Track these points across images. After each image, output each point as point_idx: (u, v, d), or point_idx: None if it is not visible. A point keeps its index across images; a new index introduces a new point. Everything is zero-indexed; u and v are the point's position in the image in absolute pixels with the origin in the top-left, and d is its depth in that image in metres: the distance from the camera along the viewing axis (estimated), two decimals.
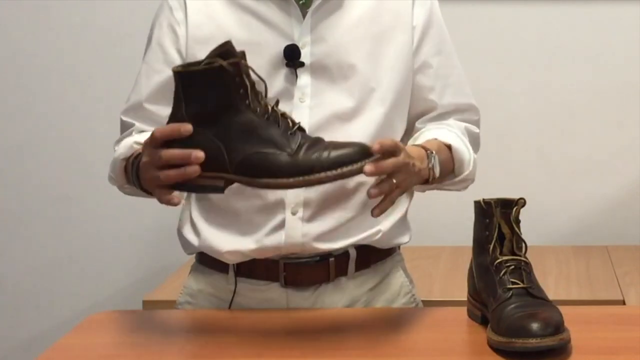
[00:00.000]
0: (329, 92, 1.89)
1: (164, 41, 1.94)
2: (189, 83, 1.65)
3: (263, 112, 1.65)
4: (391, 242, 1.98)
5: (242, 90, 1.64)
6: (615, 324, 1.79)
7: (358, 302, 1.97)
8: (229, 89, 1.64)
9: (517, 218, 1.75)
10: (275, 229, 1.90)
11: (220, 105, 1.64)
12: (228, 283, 1.95)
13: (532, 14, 3.15)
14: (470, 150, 1.94)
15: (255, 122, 1.64)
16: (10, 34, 3.30)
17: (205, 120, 1.64)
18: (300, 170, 1.62)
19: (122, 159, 1.87)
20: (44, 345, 1.87)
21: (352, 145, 1.64)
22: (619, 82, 3.15)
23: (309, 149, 1.63)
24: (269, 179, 1.63)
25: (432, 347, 1.71)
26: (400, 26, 1.94)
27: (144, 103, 1.94)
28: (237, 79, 1.64)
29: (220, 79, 1.63)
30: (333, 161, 1.62)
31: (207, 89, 1.64)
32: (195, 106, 1.65)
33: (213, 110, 1.64)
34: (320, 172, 1.61)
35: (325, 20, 1.91)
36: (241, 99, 1.64)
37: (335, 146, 1.64)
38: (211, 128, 1.64)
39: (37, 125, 3.32)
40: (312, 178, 1.62)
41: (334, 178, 1.62)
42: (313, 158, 1.62)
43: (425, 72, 1.96)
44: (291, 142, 1.63)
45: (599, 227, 3.20)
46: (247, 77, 1.65)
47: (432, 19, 1.97)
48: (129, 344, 1.75)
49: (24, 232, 3.38)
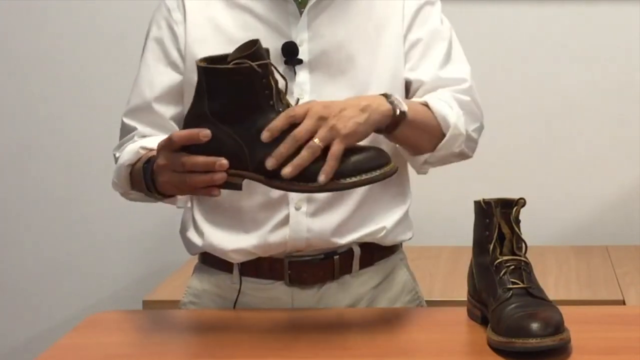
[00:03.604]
0: (327, 87, 1.90)
1: (164, 41, 1.94)
2: (215, 80, 1.65)
3: None
4: (395, 238, 1.99)
5: (267, 91, 1.65)
6: (615, 324, 1.79)
7: (362, 300, 1.97)
8: (255, 90, 1.64)
9: (517, 218, 1.75)
10: (279, 225, 1.90)
11: (244, 104, 1.64)
12: (232, 282, 1.96)
13: (532, 14, 3.15)
14: (455, 107, 1.87)
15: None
16: (10, 34, 3.30)
17: (229, 118, 1.65)
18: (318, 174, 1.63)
19: (127, 165, 1.87)
20: (44, 345, 1.87)
21: (370, 150, 1.65)
22: (619, 82, 3.15)
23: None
24: (285, 183, 1.64)
25: (432, 347, 1.71)
26: (393, 18, 1.94)
27: (144, 106, 1.93)
28: (263, 80, 1.64)
29: (248, 79, 1.63)
30: (353, 167, 1.63)
31: (233, 88, 1.64)
32: (218, 103, 1.65)
33: (237, 108, 1.65)
34: (339, 178, 1.63)
35: (322, 17, 1.91)
36: (266, 99, 1.65)
37: (354, 150, 1.64)
38: (233, 126, 1.65)
39: (37, 126, 3.32)
40: (331, 185, 1.63)
41: (354, 185, 1.64)
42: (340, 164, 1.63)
43: (411, 53, 1.94)
44: None
45: (599, 227, 3.20)
46: (272, 78, 1.65)
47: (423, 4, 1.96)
48: (129, 344, 1.75)
49: (24, 232, 3.38)
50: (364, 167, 1.64)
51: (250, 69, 1.63)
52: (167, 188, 1.74)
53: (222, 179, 1.64)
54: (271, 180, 1.65)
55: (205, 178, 1.65)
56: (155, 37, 1.96)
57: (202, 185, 1.66)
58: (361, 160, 1.64)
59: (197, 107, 1.67)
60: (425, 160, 1.90)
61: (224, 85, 1.64)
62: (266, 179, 1.65)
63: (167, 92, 1.93)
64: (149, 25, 1.99)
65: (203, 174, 1.65)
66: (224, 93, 1.65)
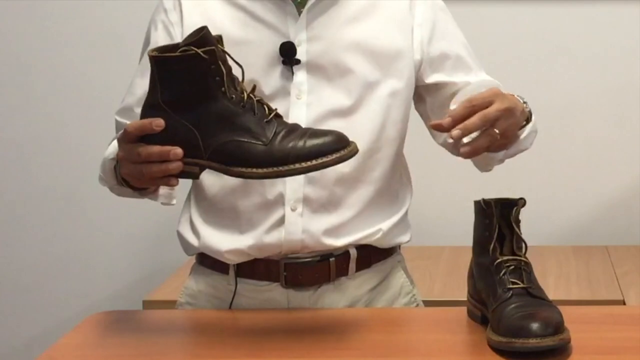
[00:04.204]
0: (325, 88, 1.90)
1: (158, 43, 1.94)
2: (165, 69, 1.64)
3: (239, 99, 1.65)
4: (391, 241, 1.98)
5: (218, 77, 1.64)
6: (615, 324, 1.79)
7: (359, 303, 1.97)
8: (204, 77, 1.63)
9: (517, 218, 1.75)
10: (274, 226, 1.90)
11: (195, 92, 1.64)
12: (228, 284, 1.95)
13: (532, 14, 3.15)
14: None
15: (231, 110, 1.64)
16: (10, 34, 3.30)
17: (181, 107, 1.64)
18: (274, 160, 1.62)
19: (111, 158, 1.86)
20: (44, 345, 1.87)
21: (329, 134, 1.63)
22: (619, 82, 3.15)
23: (285, 137, 1.63)
24: (243, 168, 1.63)
25: (432, 347, 1.71)
26: (398, 24, 1.94)
27: (134, 107, 1.93)
28: (212, 67, 1.63)
29: (196, 66, 1.63)
30: (308, 151, 1.61)
31: (183, 76, 1.63)
32: (170, 92, 1.65)
33: (189, 96, 1.64)
34: (294, 162, 1.61)
35: (321, 18, 1.91)
36: (217, 86, 1.64)
37: (312, 134, 1.63)
38: (186, 114, 1.64)
39: (37, 125, 3.33)
40: (284, 169, 1.62)
41: (308, 169, 1.62)
42: (288, 147, 1.62)
43: (445, 64, 1.96)
44: (267, 130, 1.63)
45: (599, 227, 3.20)
46: (223, 64, 1.64)
47: (438, 13, 1.97)
48: (129, 344, 1.75)
49: (24, 232, 3.38)
50: (322, 151, 1.62)
51: (196, 56, 1.62)
52: (130, 180, 1.75)
53: (178, 168, 1.64)
54: (229, 167, 1.64)
55: (161, 168, 1.64)
56: (151, 39, 1.96)
57: (159, 175, 1.65)
58: (319, 144, 1.62)
59: (150, 97, 1.67)
60: (502, 157, 1.92)
61: (173, 73, 1.64)
62: (223, 167, 1.64)
63: None
64: (148, 26, 1.99)
65: (159, 164, 1.64)
66: (175, 81, 1.64)
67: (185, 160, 1.64)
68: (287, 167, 1.62)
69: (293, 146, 1.62)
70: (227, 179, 1.89)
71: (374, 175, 1.94)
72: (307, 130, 1.65)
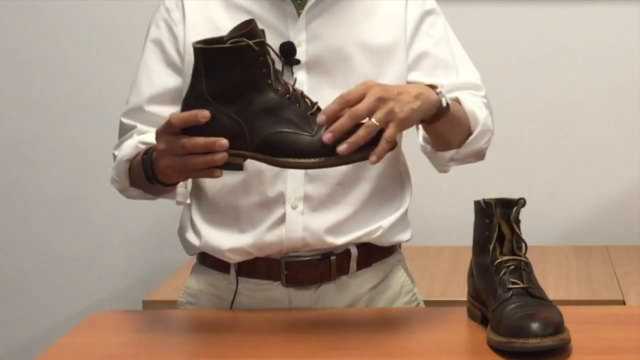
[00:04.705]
0: (325, 88, 1.90)
1: (162, 42, 1.94)
2: (212, 60, 1.64)
3: (285, 91, 1.66)
4: (392, 239, 1.99)
5: (265, 69, 1.65)
6: (615, 324, 1.79)
7: (359, 301, 1.97)
8: (252, 68, 1.64)
9: (517, 218, 1.75)
10: (275, 224, 1.91)
11: (242, 83, 1.64)
12: (229, 283, 1.96)
13: (532, 14, 3.15)
14: (482, 106, 1.91)
15: (277, 101, 1.65)
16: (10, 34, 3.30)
17: (227, 98, 1.64)
18: (321, 150, 1.62)
19: (126, 159, 1.87)
20: (44, 345, 1.87)
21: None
22: (618, 82, 3.15)
23: (320, 129, 1.63)
24: (289, 159, 1.64)
25: (432, 347, 1.71)
26: (394, 22, 1.94)
27: (144, 106, 1.93)
28: (260, 58, 1.64)
29: (245, 57, 1.63)
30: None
31: (231, 67, 1.64)
32: (216, 83, 1.65)
33: (235, 88, 1.64)
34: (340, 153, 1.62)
35: (320, 18, 1.92)
36: (263, 78, 1.65)
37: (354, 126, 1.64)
38: (232, 106, 1.64)
39: (37, 125, 3.33)
40: (331, 159, 1.62)
41: (354, 160, 1.63)
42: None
43: (422, 63, 1.95)
44: (311, 122, 1.64)
45: (599, 227, 3.21)
46: (269, 57, 1.65)
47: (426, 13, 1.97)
48: (129, 344, 1.75)
49: (24, 232, 3.38)
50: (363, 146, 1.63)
51: (247, 47, 1.62)
52: (169, 173, 1.73)
53: (223, 159, 1.63)
54: (274, 158, 1.64)
55: (206, 159, 1.64)
56: (154, 37, 1.96)
57: (203, 166, 1.65)
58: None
59: (195, 89, 1.66)
60: (452, 157, 1.91)
61: (221, 65, 1.64)
62: (268, 158, 1.65)
63: (166, 92, 1.93)
64: (148, 25, 1.99)
65: (203, 155, 1.64)
66: (222, 73, 1.64)
67: (230, 152, 1.64)
68: (335, 157, 1.62)
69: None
70: (227, 178, 1.89)
71: (374, 173, 1.94)
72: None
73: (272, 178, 1.90)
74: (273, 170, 1.87)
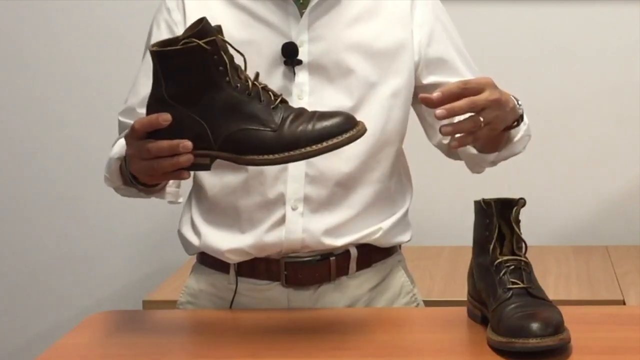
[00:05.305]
0: (327, 89, 1.90)
1: None
2: (167, 62, 1.64)
3: (244, 87, 1.65)
4: (392, 240, 1.99)
5: (222, 67, 1.64)
6: (615, 324, 1.79)
7: (359, 302, 1.97)
8: (207, 67, 1.63)
9: (517, 218, 1.75)
10: (275, 225, 1.91)
11: (200, 83, 1.63)
12: (229, 283, 1.96)
13: (532, 14, 3.15)
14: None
15: (237, 99, 1.64)
16: (11, 34, 3.30)
17: (187, 99, 1.64)
18: (285, 145, 1.62)
19: (116, 158, 1.87)
20: (44, 345, 1.87)
21: (337, 115, 1.63)
22: (618, 82, 3.15)
23: (293, 122, 1.62)
24: (254, 156, 1.63)
25: (432, 347, 1.71)
26: (399, 24, 1.94)
27: (137, 108, 1.93)
28: (215, 57, 1.63)
29: (198, 57, 1.62)
30: (319, 134, 1.61)
31: (186, 68, 1.63)
32: (175, 85, 1.64)
33: (193, 88, 1.64)
34: (305, 146, 1.61)
35: (322, 18, 1.91)
36: (221, 76, 1.63)
37: (320, 117, 1.63)
38: (193, 107, 1.64)
39: (37, 124, 3.33)
40: (296, 153, 1.62)
41: (320, 152, 1.62)
42: (298, 132, 1.62)
43: (441, 67, 1.96)
44: (274, 116, 1.63)
45: (599, 227, 3.20)
46: (225, 53, 1.64)
47: (438, 16, 1.98)
48: (129, 344, 1.75)
49: (24, 231, 3.38)
50: (332, 132, 1.62)
51: (198, 47, 1.61)
52: (141, 177, 1.74)
53: (189, 160, 1.63)
54: (240, 156, 1.63)
55: (172, 162, 1.64)
56: (154, 38, 1.96)
57: (171, 169, 1.65)
58: (328, 126, 1.62)
59: (155, 92, 1.66)
60: (493, 159, 1.94)
61: (176, 66, 1.63)
62: (234, 156, 1.64)
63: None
64: (150, 25, 1.99)
65: (169, 158, 1.64)
66: (178, 74, 1.64)
67: (195, 153, 1.64)
68: (299, 151, 1.62)
69: (303, 130, 1.61)
70: (228, 179, 1.89)
71: (375, 175, 1.94)
72: (314, 113, 1.64)
73: (272, 179, 1.90)
74: (273, 171, 1.87)
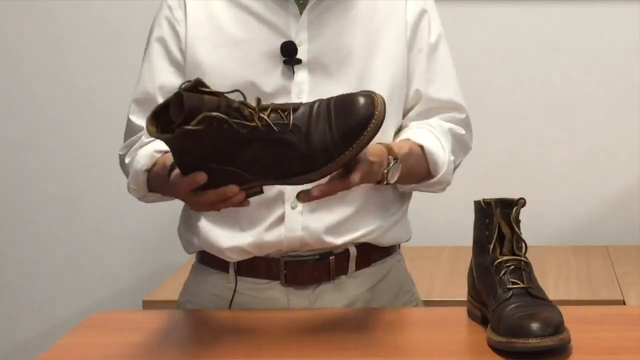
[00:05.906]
0: (326, 88, 1.90)
1: (166, 40, 1.94)
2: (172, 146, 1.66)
3: (254, 127, 1.64)
4: (391, 239, 1.99)
5: (225, 125, 1.63)
6: (615, 324, 1.79)
7: (358, 301, 1.97)
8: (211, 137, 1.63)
9: (517, 218, 1.75)
10: (275, 224, 1.91)
11: (213, 148, 1.64)
12: (229, 282, 1.96)
13: (532, 14, 3.15)
14: (447, 152, 1.93)
15: (254, 138, 1.64)
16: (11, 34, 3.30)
17: (210, 158, 1.65)
18: (319, 160, 1.65)
19: (144, 170, 1.88)
20: (44, 345, 1.87)
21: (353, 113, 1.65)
22: (619, 82, 3.15)
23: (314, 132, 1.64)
24: (297, 177, 1.67)
25: (432, 347, 1.71)
26: (394, 21, 1.94)
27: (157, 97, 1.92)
28: (225, 126, 1.63)
29: (197, 136, 1.61)
30: (346, 138, 1.64)
31: (194, 144, 1.64)
32: (195, 153, 1.65)
33: (211, 152, 1.65)
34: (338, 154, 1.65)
35: (322, 17, 1.92)
36: (228, 132, 1.63)
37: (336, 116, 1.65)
38: (220, 162, 1.65)
39: (37, 124, 3.33)
40: (333, 165, 1.66)
41: (353, 155, 1.66)
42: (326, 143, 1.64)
43: (414, 64, 1.96)
44: (295, 135, 1.65)
45: (599, 227, 3.20)
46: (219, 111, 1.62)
47: (424, 15, 1.97)
48: (129, 344, 1.75)
49: (24, 232, 3.38)
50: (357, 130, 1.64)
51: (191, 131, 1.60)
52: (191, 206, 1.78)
53: (241, 197, 1.68)
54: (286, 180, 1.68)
55: (226, 204, 1.69)
56: (157, 36, 1.96)
57: (230, 206, 1.70)
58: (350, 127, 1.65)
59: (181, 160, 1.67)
60: (409, 189, 1.98)
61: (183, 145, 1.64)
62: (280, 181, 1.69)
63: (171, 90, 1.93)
64: (151, 25, 1.99)
65: (224, 202, 1.68)
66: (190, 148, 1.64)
67: (243, 187, 1.67)
68: (334, 162, 1.65)
69: (328, 140, 1.64)
70: None
71: None
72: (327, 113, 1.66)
73: None
74: None
